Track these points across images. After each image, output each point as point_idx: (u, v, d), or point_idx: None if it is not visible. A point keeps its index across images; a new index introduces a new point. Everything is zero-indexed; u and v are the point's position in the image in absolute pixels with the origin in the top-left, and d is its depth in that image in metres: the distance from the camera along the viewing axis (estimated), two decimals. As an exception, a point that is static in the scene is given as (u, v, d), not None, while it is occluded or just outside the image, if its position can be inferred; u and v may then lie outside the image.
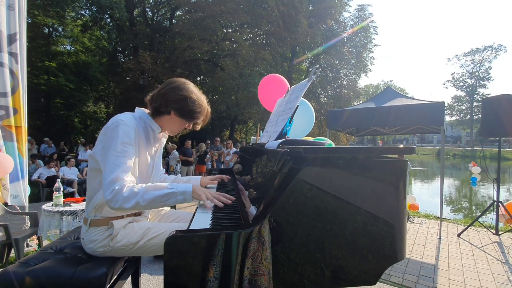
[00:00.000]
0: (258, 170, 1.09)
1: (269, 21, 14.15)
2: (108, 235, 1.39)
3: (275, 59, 14.94)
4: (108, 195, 1.16)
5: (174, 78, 1.45)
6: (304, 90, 1.35)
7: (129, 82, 16.26)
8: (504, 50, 33.35)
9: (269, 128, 1.64)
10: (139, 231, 1.45)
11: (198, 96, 1.43)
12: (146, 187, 1.22)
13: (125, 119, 1.30)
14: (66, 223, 3.40)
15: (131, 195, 1.18)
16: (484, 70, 34.72)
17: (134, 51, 16.99)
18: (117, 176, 1.19)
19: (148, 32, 15.85)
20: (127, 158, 1.25)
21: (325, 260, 0.73)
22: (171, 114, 1.40)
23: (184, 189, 1.26)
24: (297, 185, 0.72)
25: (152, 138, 1.49)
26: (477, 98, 34.85)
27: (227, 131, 21.57)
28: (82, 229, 1.45)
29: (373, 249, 0.76)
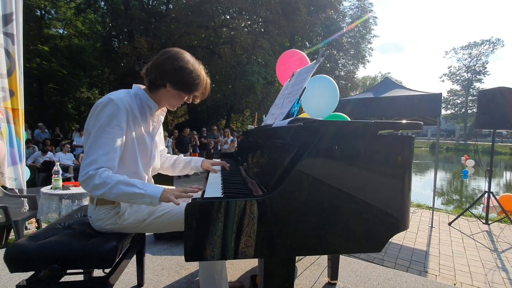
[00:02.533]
0: (266, 148, 1.12)
1: (268, 8, 13.92)
2: (115, 213, 1.42)
3: (273, 47, 14.78)
4: (81, 177, 1.15)
5: (169, 48, 1.37)
6: (312, 72, 1.36)
7: (124, 68, 15.97)
8: (502, 45, 33.52)
9: (274, 111, 1.66)
10: (146, 209, 1.47)
11: (195, 66, 1.35)
12: (118, 180, 1.17)
13: (116, 98, 1.24)
14: (65, 206, 3.43)
15: (101, 184, 1.15)
16: (480, 64, 34.92)
17: (129, 36, 16.63)
18: (95, 159, 1.17)
19: (143, 16, 15.47)
20: (110, 140, 1.20)
21: (338, 226, 0.77)
22: (167, 86, 1.33)
23: (153, 193, 1.20)
24: (311, 158, 0.75)
25: (149, 115, 1.43)
26: (473, 92, 35.16)
27: (223, 120, 21.48)
28: (89, 207, 1.46)
29: (382, 215, 0.81)
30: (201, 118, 19.79)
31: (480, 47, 34.56)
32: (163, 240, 2.94)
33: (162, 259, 2.47)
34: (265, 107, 15.92)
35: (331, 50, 18.92)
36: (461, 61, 36.44)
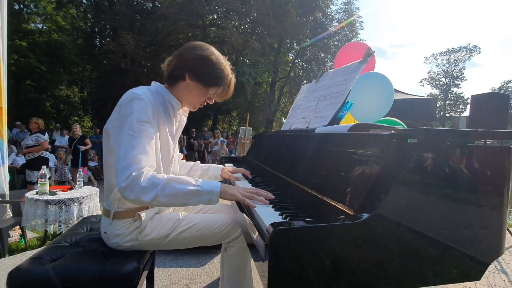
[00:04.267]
0: (324, 157, 1.00)
1: (259, 8, 13.83)
2: (135, 228, 1.24)
3: (263, 48, 14.71)
4: (122, 182, 0.97)
5: (195, 42, 1.25)
6: (357, 72, 1.26)
7: (107, 65, 15.34)
8: (478, 52, 35.25)
9: (306, 114, 1.54)
10: (169, 223, 1.31)
11: (219, 59, 1.21)
12: (168, 178, 1.03)
13: (141, 93, 1.12)
14: (53, 213, 3.16)
15: (150, 186, 0.99)
16: (458, 70, 36.54)
17: (113, 33, 16.01)
18: (134, 159, 1.00)
19: (129, 12, 14.92)
20: (145, 138, 1.06)
21: (443, 255, 0.66)
22: (186, 78, 1.19)
23: (212, 188, 1.07)
24: (414, 172, 0.64)
25: (172, 115, 1.29)
26: (450, 97, 36.72)
27: (209, 121, 21.16)
28: (103, 222, 1.28)
29: (478, 243, 0.71)
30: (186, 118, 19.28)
31: (458, 53, 36.18)
32: (165, 250, 2.74)
33: (169, 272, 2.29)
34: (253, 108, 15.81)
35: (319, 53, 19.11)
36: (440, 67, 37.99)
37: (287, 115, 1.99)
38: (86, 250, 1.25)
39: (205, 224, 1.34)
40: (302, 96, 1.80)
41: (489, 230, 0.69)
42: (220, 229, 1.34)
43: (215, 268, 2.37)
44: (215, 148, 9.27)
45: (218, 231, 1.34)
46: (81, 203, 3.23)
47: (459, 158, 0.66)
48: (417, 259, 0.66)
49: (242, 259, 1.45)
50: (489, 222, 0.69)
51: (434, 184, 0.66)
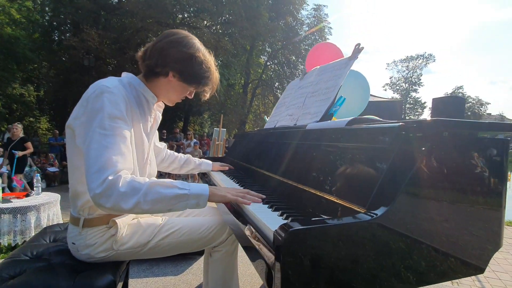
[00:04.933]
0: (319, 152, 0.95)
1: (232, 9, 13.76)
2: (109, 236, 1.10)
3: (236, 49, 14.64)
4: (96, 188, 0.84)
5: (175, 30, 1.13)
6: (347, 68, 1.24)
7: (68, 62, 14.24)
8: (433, 60, 38.46)
9: (292, 111, 1.50)
10: (149, 229, 1.19)
11: (206, 56, 1.13)
12: (151, 182, 0.92)
13: (111, 85, 0.99)
14: (7, 222, 2.83)
15: (130, 191, 0.87)
16: (416, 76, 39.53)
17: (74, 27, 14.93)
18: (108, 161, 0.87)
19: (92, 7, 14.01)
20: (119, 137, 0.93)
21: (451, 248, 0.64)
22: (169, 76, 1.09)
23: (200, 191, 0.97)
24: (426, 165, 0.61)
25: (147, 110, 1.16)
26: (410, 101, 39.52)
27: (180, 123, 20.58)
28: (71, 231, 1.11)
29: (486, 234, 0.70)
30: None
31: (416, 61, 39.19)
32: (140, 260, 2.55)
33: (144, 282, 2.12)
34: (226, 110, 15.65)
35: (290, 56, 19.49)
36: (400, 73, 40.80)
37: (271, 113, 1.95)
38: (51, 264, 1.09)
39: (189, 228, 1.24)
40: (287, 93, 1.77)
41: (497, 220, 0.69)
42: (205, 233, 1.25)
43: (194, 276, 2.24)
44: (188, 150, 9.00)
45: (204, 235, 1.25)
46: (39, 211, 2.92)
47: (474, 150, 0.66)
48: (434, 253, 0.64)
49: (229, 263, 1.36)
50: (496, 213, 0.69)
51: (449, 176, 0.64)
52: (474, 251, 0.69)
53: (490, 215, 0.70)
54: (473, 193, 0.68)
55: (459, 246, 0.67)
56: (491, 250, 0.72)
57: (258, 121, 21.16)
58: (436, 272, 0.63)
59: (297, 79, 1.78)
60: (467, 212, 0.68)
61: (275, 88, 20.38)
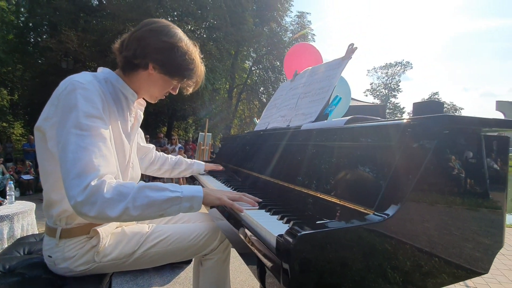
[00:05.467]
0: (321, 155, 0.92)
1: (216, 14, 13.75)
2: (91, 247, 1.01)
3: (221, 53, 14.61)
4: (78, 195, 0.76)
5: (155, 19, 1.04)
6: (341, 68, 1.23)
7: (44, 65, 13.65)
8: (411, 67, 40.15)
9: (284, 112, 1.47)
10: (134, 237, 1.11)
11: (189, 46, 1.03)
12: (140, 185, 0.85)
13: (85, 81, 0.90)
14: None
15: (117, 197, 0.79)
16: (395, 82, 41.07)
17: (51, 29, 14.38)
18: (89, 165, 0.79)
19: (71, 8, 13.56)
20: (98, 137, 0.85)
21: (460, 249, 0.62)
22: (150, 68, 1.00)
23: (193, 193, 0.91)
24: (434, 162, 0.59)
25: (126, 109, 1.07)
26: (389, 106, 40.92)
27: (163, 128, 20.19)
28: (46, 243, 1.01)
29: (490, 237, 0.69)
30: (138, 124, 18.07)
31: (394, 68, 40.76)
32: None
33: (127, 294, 1.99)
34: (211, 115, 15.51)
35: (275, 61, 19.70)
36: (380, 79, 42.24)
37: (257, 117, 1.92)
38: (25, 279, 0.99)
39: (179, 236, 1.17)
40: (278, 95, 1.74)
41: (500, 220, 0.68)
42: (196, 240, 1.18)
43: (182, 286, 2.15)
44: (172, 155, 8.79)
45: (194, 242, 1.18)
46: (12, 221, 2.72)
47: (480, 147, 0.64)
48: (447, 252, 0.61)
49: (221, 272, 1.30)
50: (500, 210, 0.68)
51: (457, 174, 0.63)
52: (480, 249, 0.68)
53: (494, 214, 0.69)
54: (480, 190, 0.67)
55: (469, 245, 0.65)
56: (495, 248, 0.71)
57: (244, 125, 21.14)
58: (448, 273, 0.61)
59: (288, 81, 1.76)
60: (475, 210, 0.67)
61: (260, 92, 20.50)
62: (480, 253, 0.68)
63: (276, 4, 18.07)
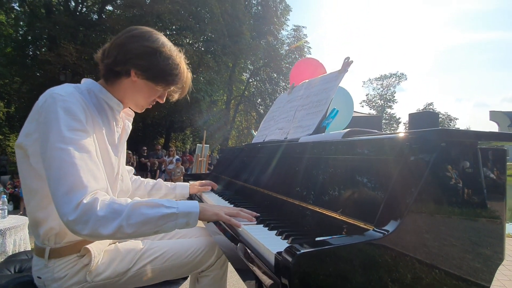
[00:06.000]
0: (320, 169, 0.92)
1: (214, 28, 14.03)
2: (82, 266, 0.96)
3: (219, 66, 14.82)
4: (70, 214, 0.74)
5: (137, 26, 1.02)
6: (338, 81, 1.24)
7: (42, 77, 13.72)
8: (405, 78, 40.87)
9: (282, 125, 1.47)
10: (128, 255, 1.07)
11: (172, 51, 1.00)
12: (134, 202, 0.83)
13: (65, 93, 0.86)
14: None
15: (111, 215, 0.77)
16: (390, 93, 41.69)
17: (50, 42, 14.53)
18: (77, 181, 0.77)
19: (71, 22, 13.76)
20: (83, 151, 0.82)
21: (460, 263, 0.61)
22: (132, 75, 0.96)
23: (189, 209, 0.89)
24: (434, 176, 0.59)
25: (112, 120, 1.03)
26: (385, 117, 41.35)
27: (161, 139, 20.16)
28: (36, 264, 0.97)
29: (489, 248, 0.68)
30: (134, 136, 18.10)
31: (389, 79, 41.45)
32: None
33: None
34: (209, 126, 15.56)
35: (272, 74, 19.99)
36: (376, 90, 42.87)
37: (249, 134, 1.91)
38: (14, 300, 0.95)
39: (175, 252, 1.13)
40: (275, 107, 1.75)
41: (500, 230, 0.67)
42: (193, 256, 1.15)
43: (178, 302, 2.07)
44: (169, 167, 8.74)
45: (191, 258, 1.15)
46: (4, 236, 2.65)
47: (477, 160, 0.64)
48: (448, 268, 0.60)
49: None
50: (499, 224, 0.67)
51: (456, 186, 0.62)
52: (480, 260, 0.67)
53: (494, 226, 0.68)
54: (479, 202, 0.66)
55: (468, 256, 0.64)
56: (496, 259, 0.69)
57: (241, 137, 21.20)
58: (449, 285, 0.60)
59: (285, 93, 1.77)
60: (474, 221, 0.66)
61: (258, 104, 20.68)
62: (480, 264, 0.66)
63: (273, 18, 18.50)
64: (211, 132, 15.22)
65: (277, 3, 19.25)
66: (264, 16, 18.24)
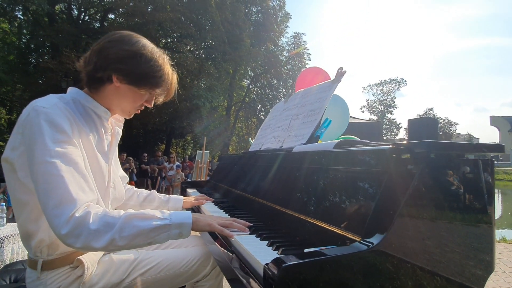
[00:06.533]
0: (311, 178, 0.93)
1: (215, 35, 14.19)
2: (75, 278, 0.95)
3: (219, 72, 14.93)
4: (61, 228, 0.74)
5: (117, 31, 1.00)
6: (331, 91, 1.26)
7: (44, 85, 13.87)
8: (405, 84, 41.02)
9: (277, 133, 1.49)
10: (123, 265, 1.06)
11: (155, 54, 0.97)
12: (126, 215, 0.83)
13: (48, 105, 0.85)
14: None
15: (103, 228, 0.78)
16: (390, 99, 41.78)
17: (53, 50, 14.71)
18: (66, 194, 0.76)
19: (73, 30, 13.95)
20: (70, 163, 0.81)
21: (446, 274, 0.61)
22: (114, 80, 0.94)
23: (182, 220, 0.89)
24: (419, 189, 0.60)
25: (101, 127, 1.02)
26: (386, 122, 41.39)
27: (162, 145, 20.21)
28: (29, 276, 0.97)
29: (480, 259, 0.68)
30: (135, 142, 18.15)
31: (389, 84, 41.61)
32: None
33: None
34: (209, 132, 15.61)
35: (272, 80, 20.11)
36: (376, 96, 42.99)
37: (254, 136, 1.93)
38: (8, 311, 0.95)
39: (169, 262, 1.12)
40: (271, 116, 1.76)
41: (490, 242, 0.67)
42: (187, 267, 1.14)
43: (175, 311, 2.05)
44: (170, 173, 8.74)
45: (186, 269, 1.14)
46: (2, 244, 2.65)
47: (464, 171, 0.65)
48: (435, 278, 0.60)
49: (213, 299, 1.25)
50: (489, 234, 0.68)
51: (442, 198, 0.63)
52: (470, 273, 0.67)
53: (483, 235, 0.69)
54: (467, 214, 0.67)
55: (456, 270, 0.64)
56: (487, 272, 0.69)
57: (242, 143, 21.22)
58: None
59: (281, 102, 1.79)
60: (462, 234, 0.66)
61: (258, 110, 20.75)
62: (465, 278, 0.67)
63: (273, 26, 18.69)
64: (211, 138, 15.25)
65: (277, 10, 19.49)
66: (264, 24, 18.43)
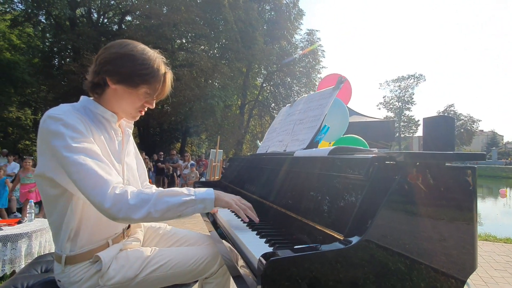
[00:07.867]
0: (307, 182, 1.00)
1: (228, 35, 14.32)
2: (95, 271, 1.07)
3: (232, 72, 15.07)
4: (105, 202, 0.87)
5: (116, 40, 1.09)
6: (331, 98, 1.32)
7: (66, 86, 14.54)
8: (424, 79, 39.54)
9: (282, 137, 1.56)
10: (137, 262, 1.17)
11: (145, 54, 1.03)
12: (159, 192, 0.97)
13: (60, 112, 0.94)
14: (-3, 251, 2.76)
15: (140, 203, 0.92)
16: (408, 95, 40.44)
17: (74, 53, 15.36)
18: (99, 178, 0.89)
19: (93, 33, 14.52)
20: (93, 156, 0.92)
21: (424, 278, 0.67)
22: (109, 82, 1.02)
23: (205, 196, 1.03)
24: (396, 195, 0.66)
25: (111, 130, 1.10)
26: (404, 119, 40.19)
27: (177, 144, 20.65)
28: (55, 268, 1.10)
29: (458, 259, 0.73)
30: (152, 141, 18.68)
31: (407, 80, 40.24)
32: None
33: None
34: (223, 131, 15.82)
35: (285, 78, 20.02)
36: (393, 92, 41.77)
37: (263, 138, 2.01)
38: (39, 298, 1.08)
39: (180, 260, 1.22)
40: (278, 119, 1.84)
41: (468, 245, 0.72)
42: (196, 264, 1.23)
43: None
44: (185, 172, 8.97)
45: (194, 267, 1.23)
46: (30, 238, 2.86)
47: (438, 178, 0.70)
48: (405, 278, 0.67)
49: (221, 296, 1.34)
50: (468, 238, 0.73)
51: (417, 203, 0.69)
52: (450, 277, 0.72)
53: (461, 241, 0.74)
54: (446, 219, 0.72)
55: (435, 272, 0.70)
56: (467, 274, 0.74)
57: (255, 141, 21.31)
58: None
59: (287, 106, 1.86)
60: (440, 240, 0.71)
61: (271, 108, 20.75)
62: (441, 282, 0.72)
63: (286, 23, 18.60)
64: (225, 137, 15.46)
65: (290, 8, 19.37)
66: (277, 21, 18.38)
